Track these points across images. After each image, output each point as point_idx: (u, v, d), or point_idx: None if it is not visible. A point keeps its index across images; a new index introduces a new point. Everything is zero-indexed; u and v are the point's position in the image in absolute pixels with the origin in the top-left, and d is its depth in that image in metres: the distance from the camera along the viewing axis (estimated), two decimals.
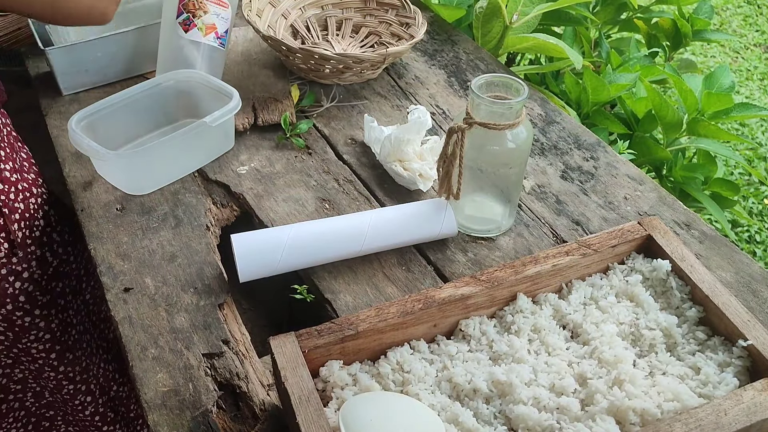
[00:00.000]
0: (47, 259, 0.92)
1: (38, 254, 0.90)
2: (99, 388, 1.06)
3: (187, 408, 0.71)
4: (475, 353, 0.71)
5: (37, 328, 0.93)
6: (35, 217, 0.90)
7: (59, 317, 0.96)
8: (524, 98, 0.79)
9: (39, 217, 0.90)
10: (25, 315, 0.90)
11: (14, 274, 0.87)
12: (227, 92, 0.98)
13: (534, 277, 0.74)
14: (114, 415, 1.10)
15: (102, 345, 1.08)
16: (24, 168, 0.91)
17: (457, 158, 0.82)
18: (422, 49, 1.28)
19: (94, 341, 1.06)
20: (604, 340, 0.70)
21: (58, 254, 0.95)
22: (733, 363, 0.67)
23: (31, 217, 0.89)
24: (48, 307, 0.93)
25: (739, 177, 2.40)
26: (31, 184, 0.91)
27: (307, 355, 0.65)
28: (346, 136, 1.08)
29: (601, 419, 0.63)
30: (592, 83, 1.32)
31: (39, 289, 0.91)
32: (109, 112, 0.97)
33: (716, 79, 1.39)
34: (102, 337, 1.08)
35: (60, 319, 0.96)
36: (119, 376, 1.11)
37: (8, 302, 0.88)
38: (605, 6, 1.61)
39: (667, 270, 0.75)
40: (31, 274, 0.89)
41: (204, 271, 0.85)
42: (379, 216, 0.87)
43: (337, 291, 0.84)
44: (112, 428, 1.11)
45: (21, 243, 0.87)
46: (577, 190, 0.99)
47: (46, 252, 0.92)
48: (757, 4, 3.49)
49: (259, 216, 0.93)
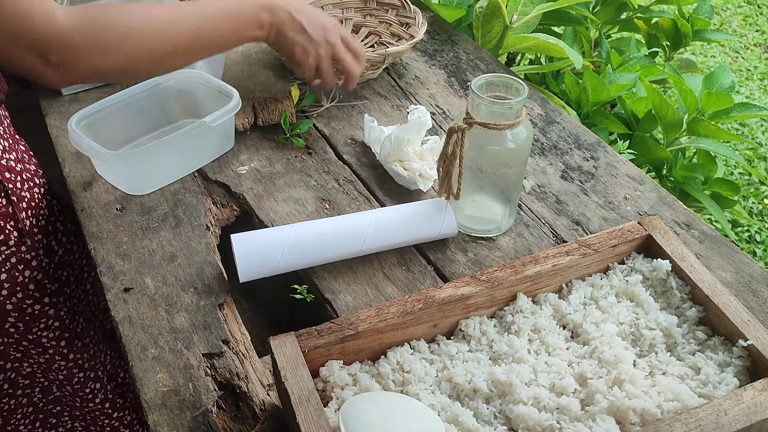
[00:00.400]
0: (53, 248, 0.93)
1: (45, 243, 0.91)
2: (107, 374, 1.07)
3: (187, 408, 0.71)
4: (475, 353, 0.71)
5: (47, 316, 0.93)
6: (40, 206, 0.90)
7: (67, 305, 0.96)
8: (524, 98, 0.79)
9: (44, 206, 0.91)
10: (35, 303, 0.91)
11: (23, 263, 0.88)
12: (227, 92, 0.99)
13: (534, 277, 0.74)
14: (123, 401, 1.11)
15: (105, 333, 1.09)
16: (25, 159, 0.91)
17: (457, 158, 0.82)
18: (422, 49, 1.28)
19: (100, 329, 1.07)
20: (604, 340, 0.70)
21: (63, 243, 0.96)
22: (734, 363, 0.67)
23: (36, 206, 0.89)
24: (56, 295, 0.94)
25: (739, 177, 2.40)
26: (34, 174, 0.92)
27: (307, 355, 0.65)
28: (346, 136, 1.08)
29: (601, 419, 0.63)
30: (592, 83, 1.32)
31: (47, 277, 0.92)
32: (109, 112, 0.97)
33: (716, 79, 1.39)
34: (103, 326, 1.09)
35: (68, 307, 0.97)
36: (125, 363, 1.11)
37: (18, 291, 0.88)
38: (605, 6, 1.61)
39: (667, 270, 0.75)
40: (39, 262, 0.90)
41: (204, 271, 0.85)
42: (379, 216, 0.87)
43: (337, 291, 0.84)
44: (122, 414, 1.11)
45: (29, 231, 0.87)
46: (577, 190, 0.99)
47: (51, 241, 0.93)
48: (757, 4, 3.49)
49: (259, 216, 0.93)
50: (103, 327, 1.09)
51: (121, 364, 1.11)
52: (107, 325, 1.11)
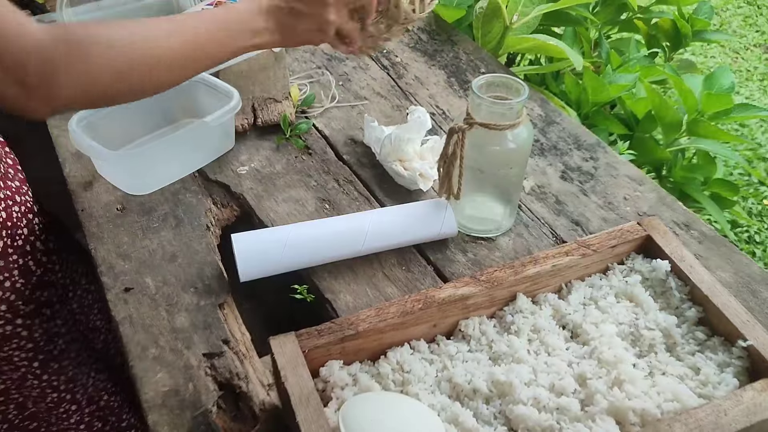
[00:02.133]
0: (30, 268, 0.90)
1: (20, 263, 0.87)
2: (87, 398, 1.04)
3: (187, 408, 0.71)
4: (474, 353, 0.71)
5: (19, 337, 0.90)
6: (18, 226, 0.87)
7: (43, 327, 0.93)
8: (524, 99, 0.79)
9: (22, 226, 0.88)
10: (6, 324, 0.88)
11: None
12: (227, 92, 0.99)
13: (534, 278, 0.74)
14: (102, 424, 1.07)
15: (92, 355, 1.05)
16: (9, 175, 0.88)
17: (457, 158, 0.82)
18: (422, 49, 1.29)
19: (85, 351, 1.03)
20: (603, 340, 0.70)
21: (42, 263, 0.92)
22: (733, 363, 0.67)
23: (13, 226, 0.86)
24: (31, 316, 0.91)
25: (739, 177, 2.40)
26: (15, 192, 0.88)
27: (307, 355, 0.65)
28: (346, 136, 1.08)
29: (601, 419, 0.63)
30: (592, 84, 1.32)
31: (21, 298, 0.88)
32: (109, 112, 0.97)
33: (716, 80, 1.39)
34: (90, 347, 1.06)
35: (44, 328, 0.93)
36: (111, 386, 1.08)
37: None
38: (605, 6, 1.61)
39: (666, 270, 0.76)
40: (12, 283, 0.87)
41: (204, 271, 0.86)
42: (379, 216, 0.87)
43: (337, 291, 0.84)
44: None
45: (2, 252, 0.84)
46: (576, 190, 0.99)
47: (29, 261, 0.89)
48: (757, 5, 3.49)
49: (259, 216, 0.94)
50: (92, 347, 1.06)
51: (107, 387, 1.07)
52: (97, 345, 1.08)
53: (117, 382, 1.10)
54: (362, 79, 1.21)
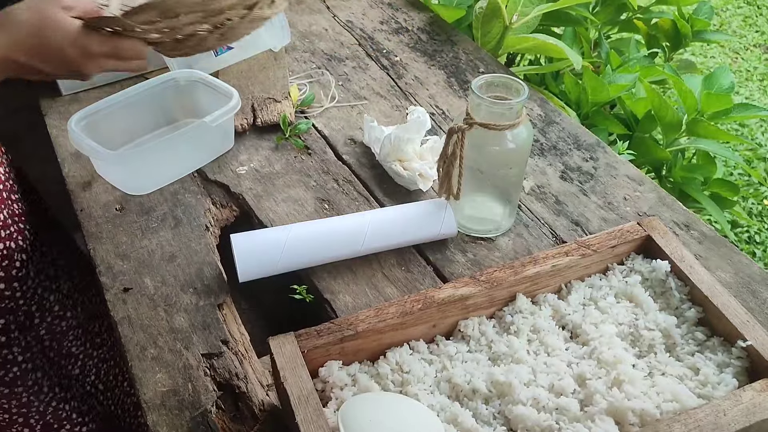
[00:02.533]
0: None
1: None
2: (43, 424, 1.00)
3: (187, 408, 0.71)
4: (474, 354, 0.71)
5: None
6: None
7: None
8: (524, 99, 0.79)
9: None
10: None
11: None
12: (227, 92, 0.98)
13: (533, 278, 0.74)
14: None
15: (61, 383, 1.01)
16: None
17: (457, 158, 0.82)
18: (422, 49, 1.29)
19: (48, 379, 0.99)
20: (603, 340, 0.70)
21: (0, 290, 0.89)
22: (732, 363, 0.67)
23: None
24: None
25: (739, 177, 2.40)
26: None
27: (306, 355, 0.65)
28: (345, 136, 1.08)
29: (601, 420, 0.63)
30: (592, 84, 1.32)
31: None
32: (109, 112, 0.97)
33: (716, 80, 1.39)
34: (61, 374, 1.01)
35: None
36: (77, 416, 1.03)
37: None
38: (605, 6, 1.61)
39: (666, 270, 0.76)
40: None
41: (203, 271, 0.86)
42: (378, 216, 0.87)
43: (336, 291, 0.84)
44: None
45: None
46: (576, 190, 0.99)
47: None
48: (757, 5, 3.49)
49: (258, 216, 0.93)
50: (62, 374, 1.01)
51: (71, 417, 1.02)
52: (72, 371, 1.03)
53: (86, 414, 1.05)
54: (362, 79, 1.21)
